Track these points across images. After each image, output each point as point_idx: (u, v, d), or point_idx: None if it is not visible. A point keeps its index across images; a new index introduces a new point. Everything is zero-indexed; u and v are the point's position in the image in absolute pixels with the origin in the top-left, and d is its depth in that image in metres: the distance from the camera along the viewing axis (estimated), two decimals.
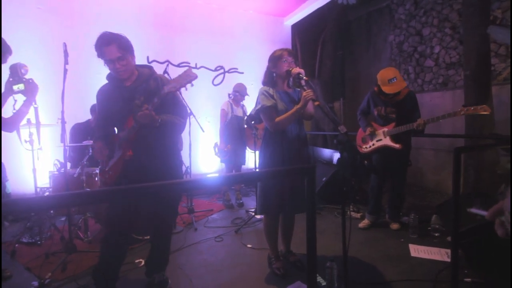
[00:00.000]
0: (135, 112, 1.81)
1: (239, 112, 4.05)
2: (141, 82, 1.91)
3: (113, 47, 1.75)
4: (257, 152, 2.86)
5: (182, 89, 1.77)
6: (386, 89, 2.78)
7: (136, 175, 1.88)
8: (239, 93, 4.01)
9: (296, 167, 2.01)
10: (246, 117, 2.39)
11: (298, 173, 2.02)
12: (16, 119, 1.98)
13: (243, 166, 4.26)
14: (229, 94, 4.17)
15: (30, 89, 1.96)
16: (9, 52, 2.10)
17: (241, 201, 4.15)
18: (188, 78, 1.70)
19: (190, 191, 3.67)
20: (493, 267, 2.09)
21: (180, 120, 1.98)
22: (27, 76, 2.04)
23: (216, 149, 4.08)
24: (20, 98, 2.01)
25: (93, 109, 3.54)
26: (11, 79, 1.96)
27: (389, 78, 2.76)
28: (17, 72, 1.97)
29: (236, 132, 4.01)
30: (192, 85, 1.73)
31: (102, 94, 1.95)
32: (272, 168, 2.13)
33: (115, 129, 2.02)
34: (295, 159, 2.14)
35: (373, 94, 3.02)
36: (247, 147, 4.21)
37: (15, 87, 1.96)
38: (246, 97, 4.10)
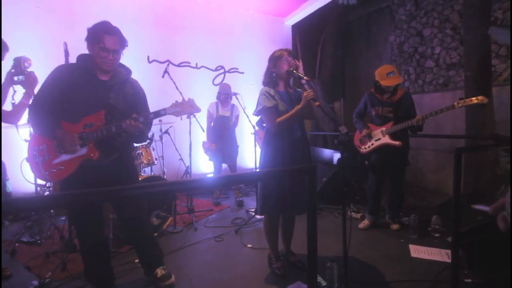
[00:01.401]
0: (107, 110, 1.77)
1: (225, 113, 4.11)
2: (117, 81, 1.86)
3: (115, 38, 1.74)
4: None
5: (181, 88, 1.78)
6: (385, 82, 2.81)
7: (92, 172, 1.79)
8: (221, 93, 4.08)
9: (297, 167, 2.01)
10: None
11: (299, 173, 2.02)
12: (17, 112, 1.98)
13: (238, 165, 4.29)
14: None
15: (30, 81, 1.94)
16: (6, 49, 2.11)
17: (240, 199, 4.16)
18: (191, 109, 1.72)
19: (190, 191, 3.67)
20: (493, 267, 2.09)
21: (147, 130, 2.00)
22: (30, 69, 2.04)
23: (204, 148, 4.15)
24: (20, 90, 2.00)
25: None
26: (12, 71, 1.96)
27: (387, 72, 2.82)
28: (20, 65, 1.97)
29: (221, 132, 4.08)
30: (194, 116, 1.76)
31: (64, 74, 1.77)
32: (273, 168, 2.13)
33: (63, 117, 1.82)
34: (296, 160, 2.14)
35: (370, 95, 3.05)
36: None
37: (15, 78, 1.94)
38: (245, 97, 4.11)
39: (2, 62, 2.08)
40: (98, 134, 1.73)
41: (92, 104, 1.76)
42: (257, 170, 3.63)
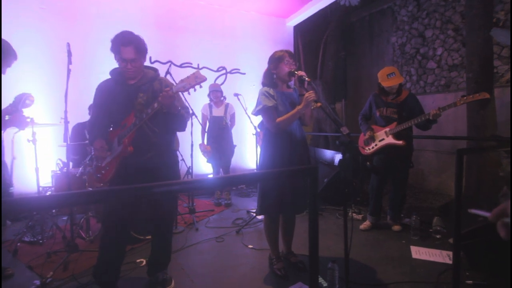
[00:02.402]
0: (136, 109, 1.86)
1: (218, 113, 4.10)
2: (145, 82, 1.94)
3: (130, 48, 1.80)
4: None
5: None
6: (386, 83, 2.83)
7: (133, 172, 1.89)
8: (210, 91, 4.11)
9: (298, 167, 2.01)
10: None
11: (300, 174, 2.02)
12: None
13: (238, 166, 4.29)
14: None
15: (18, 121, 2.05)
16: (14, 56, 2.13)
17: (229, 201, 4.16)
18: (197, 79, 1.72)
19: (191, 191, 3.67)
20: (495, 269, 2.09)
21: (187, 115, 2.03)
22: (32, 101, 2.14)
23: (200, 150, 4.15)
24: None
25: (91, 108, 3.55)
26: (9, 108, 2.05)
27: (388, 73, 2.84)
28: (17, 103, 2.06)
29: (217, 132, 4.08)
30: (201, 86, 1.77)
31: (103, 89, 1.96)
32: (273, 168, 2.13)
33: (111, 126, 2.02)
34: (295, 160, 2.14)
35: (375, 96, 3.05)
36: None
37: (6, 117, 2.04)
38: (247, 98, 4.11)
39: (8, 69, 2.12)
40: (131, 127, 1.84)
41: (125, 107, 1.89)
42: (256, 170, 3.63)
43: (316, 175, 1.00)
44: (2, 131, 2.04)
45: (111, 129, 2.00)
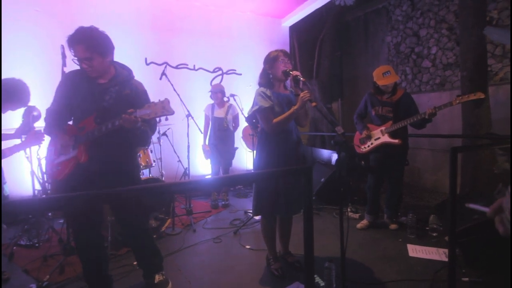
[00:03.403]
0: (99, 112, 1.76)
1: (220, 114, 4.07)
2: (115, 83, 1.83)
3: (80, 47, 1.69)
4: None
5: (179, 90, 1.77)
6: (382, 82, 2.84)
7: (86, 178, 1.79)
8: (212, 92, 4.09)
9: (293, 168, 2.01)
10: (246, 117, 2.39)
11: (295, 174, 2.03)
12: (6, 152, 2.01)
13: (236, 167, 4.27)
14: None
15: (33, 140, 2.06)
16: (24, 103, 2.20)
17: (227, 202, 4.15)
18: (164, 111, 1.60)
19: (188, 193, 3.67)
20: (491, 266, 2.10)
21: (151, 132, 1.95)
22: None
23: (203, 150, 4.14)
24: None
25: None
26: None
27: (383, 72, 2.86)
28: (28, 122, 2.13)
29: (218, 133, 4.04)
30: (166, 119, 1.69)
31: (71, 80, 1.83)
32: (268, 169, 2.13)
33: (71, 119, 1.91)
34: (290, 160, 2.15)
35: (370, 95, 3.06)
36: (247, 147, 4.21)
37: (22, 138, 2.11)
38: (243, 98, 4.11)
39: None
40: (89, 135, 1.74)
41: (88, 107, 1.78)
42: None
43: (310, 175, 1.01)
44: (17, 151, 2.03)
45: (70, 122, 1.88)
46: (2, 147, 1.97)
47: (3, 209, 0.66)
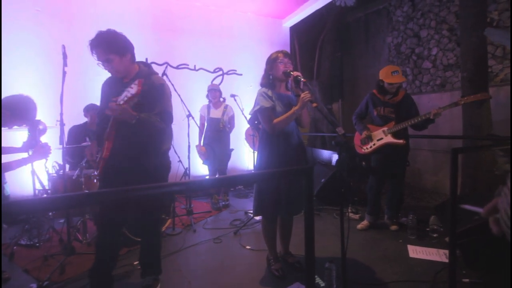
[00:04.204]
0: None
1: (216, 114, 4.05)
2: (136, 79, 1.85)
3: (99, 50, 1.79)
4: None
5: (180, 90, 1.79)
6: (390, 79, 2.83)
7: (112, 175, 1.88)
8: (208, 91, 4.09)
9: (294, 168, 2.01)
10: (247, 119, 2.40)
11: (295, 174, 2.02)
12: (13, 165, 2.01)
13: (236, 167, 4.26)
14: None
15: (41, 153, 2.08)
16: (23, 119, 2.17)
17: (227, 203, 4.14)
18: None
19: (187, 193, 3.67)
20: (491, 267, 2.10)
21: (160, 123, 1.90)
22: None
23: (197, 151, 4.12)
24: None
25: (86, 110, 3.54)
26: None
27: (392, 71, 2.85)
28: (34, 137, 2.14)
29: (214, 134, 4.03)
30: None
31: (108, 83, 2.00)
32: (269, 169, 2.13)
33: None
34: (292, 161, 2.15)
35: (372, 95, 3.06)
36: (250, 147, 4.19)
37: (29, 152, 2.12)
38: (244, 99, 4.12)
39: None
40: (107, 131, 1.85)
41: None
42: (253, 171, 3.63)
43: (311, 175, 1.01)
44: (24, 164, 2.05)
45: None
46: (9, 160, 1.99)
47: (3, 209, 0.66)
